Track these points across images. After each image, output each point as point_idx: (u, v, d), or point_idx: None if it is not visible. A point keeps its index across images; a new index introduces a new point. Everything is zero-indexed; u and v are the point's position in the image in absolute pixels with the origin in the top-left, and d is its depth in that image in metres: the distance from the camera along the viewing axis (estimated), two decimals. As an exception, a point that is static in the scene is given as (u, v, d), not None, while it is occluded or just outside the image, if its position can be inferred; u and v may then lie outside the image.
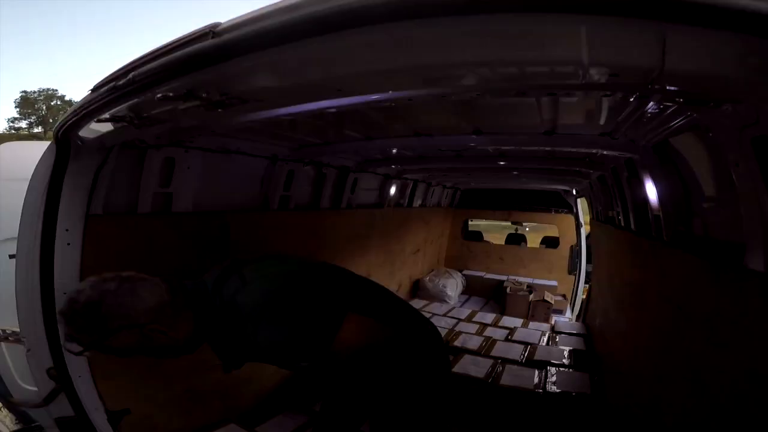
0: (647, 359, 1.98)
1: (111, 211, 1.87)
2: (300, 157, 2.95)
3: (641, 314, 2.18)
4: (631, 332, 2.36)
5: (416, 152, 3.25)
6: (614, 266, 3.03)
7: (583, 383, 2.87)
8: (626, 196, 2.55)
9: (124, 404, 2.20)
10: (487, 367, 3.10)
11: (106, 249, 1.83)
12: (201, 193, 2.34)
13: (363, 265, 4.00)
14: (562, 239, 5.87)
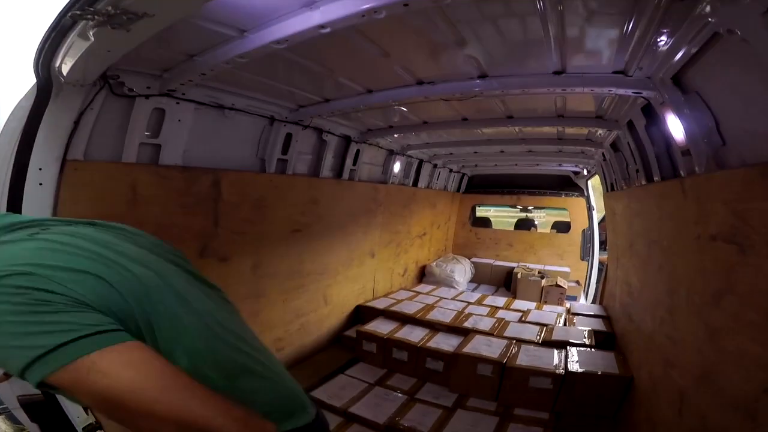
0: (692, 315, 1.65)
1: (93, 158, 1.74)
2: (299, 120, 2.74)
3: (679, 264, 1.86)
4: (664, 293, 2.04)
5: (420, 116, 3.00)
6: (637, 229, 2.73)
7: (608, 362, 2.56)
8: (646, 147, 2.28)
9: None
10: (501, 348, 2.80)
11: (85, 196, 1.68)
12: (192, 148, 2.16)
13: (366, 243, 3.74)
14: (574, 224, 5.53)
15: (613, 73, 1.87)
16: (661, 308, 2.05)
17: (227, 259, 2.44)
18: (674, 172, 1.99)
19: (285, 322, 2.92)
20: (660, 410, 1.80)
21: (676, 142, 1.83)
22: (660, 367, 1.93)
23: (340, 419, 2.46)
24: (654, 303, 2.19)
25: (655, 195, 2.28)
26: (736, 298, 1.30)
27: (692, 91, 1.60)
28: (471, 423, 2.40)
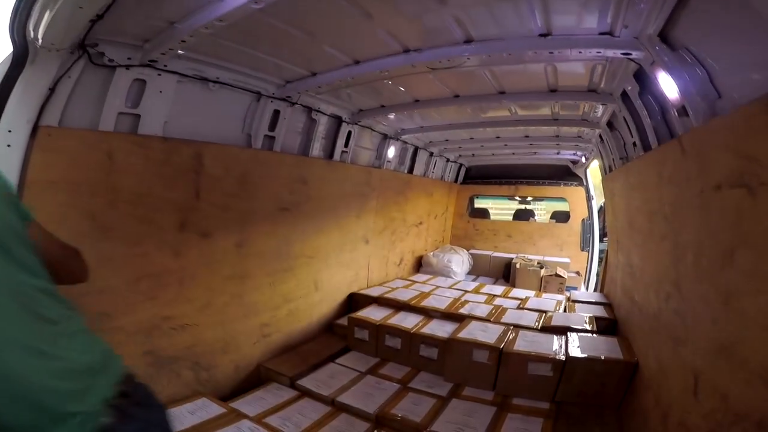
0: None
1: (68, 125, 1.70)
2: (286, 96, 2.62)
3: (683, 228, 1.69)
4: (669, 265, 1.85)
5: (411, 93, 2.86)
6: (637, 204, 2.55)
7: (611, 348, 2.38)
8: (641, 117, 2.17)
9: None
10: (497, 333, 2.62)
11: (58, 161, 1.64)
12: (174, 120, 2.07)
13: (360, 228, 3.57)
14: (573, 213, 5.34)
15: (600, 34, 1.81)
16: (666, 283, 1.87)
17: (209, 235, 2.30)
18: (671, 135, 1.88)
19: (272, 306, 2.75)
20: (671, 394, 1.61)
21: (670, 102, 1.74)
22: (669, 348, 1.75)
23: (328, 408, 2.29)
24: (658, 279, 2.00)
25: (654, 162, 2.11)
26: (750, 251, 1.14)
27: (681, 47, 1.55)
28: (466, 412, 2.22)
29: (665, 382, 1.73)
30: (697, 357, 1.46)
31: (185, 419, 2.08)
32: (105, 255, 1.86)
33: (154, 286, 2.09)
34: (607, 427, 2.05)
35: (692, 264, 1.55)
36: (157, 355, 2.15)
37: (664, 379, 1.76)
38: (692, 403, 1.41)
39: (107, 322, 1.94)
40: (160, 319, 2.15)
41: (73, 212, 1.72)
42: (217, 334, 2.41)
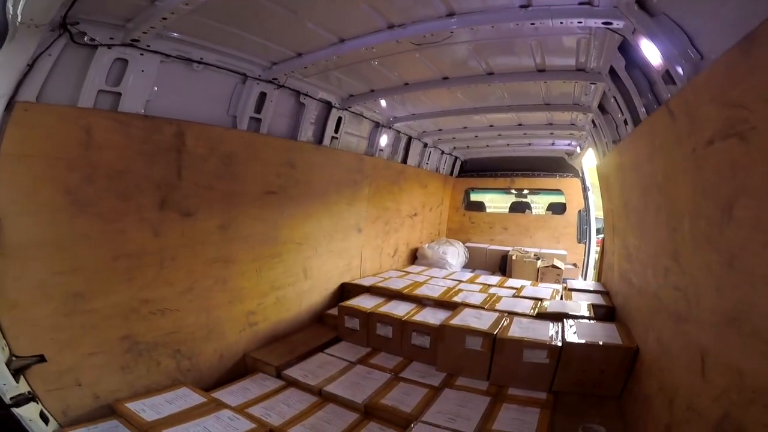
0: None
1: (46, 102, 1.64)
2: (272, 78, 2.51)
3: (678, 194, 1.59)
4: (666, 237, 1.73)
5: (400, 75, 2.75)
6: (631, 181, 2.43)
7: (609, 334, 2.23)
8: (630, 91, 2.12)
9: (36, 348, 1.68)
10: (491, 320, 2.48)
11: (34, 136, 1.59)
12: (157, 100, 2.01)
13: (352, 216, 3.43)
14: (569, 205, 5.20)
15: (579, 4, 1.78)
16: (663, 257, 1.74)
17: (191, 215, 2.17)
18: (659, 105, 1.82)
19: (259, 294, 2.61)
20: (676, 378, 1.47)
21: (655, 69, 1.72)
22: (670, 328, 1.61)
23: (314, 399, 2.15)
24: (655, 255, 1.87)
25: (644, 134, 2.01)
26: (750, 201, 1.04)
27: (659, 12, 1.54)
28: (460, 402, 2.07)
29: (669, 365, 1.59)
30: (702, 333, 1.32)
31: (162, 408, 1.94)
32: (80, 231, 1.76)
33: (132, 267, 1.97)
34: (608, 417, 1.90)
35: (689, 231, 1.44)
36: (135, 341, 2.02)
37: (667, 362, 1.62)
38: (700, 385, 1.27)
39: (81, 303, 1.81)
40: (139, 303, 2.01)
41: (47, 186, 1.64)
42: (200, 321, 2.27)
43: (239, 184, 2.43)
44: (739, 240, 1.09)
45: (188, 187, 2.16)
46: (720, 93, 1.18)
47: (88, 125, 1.73)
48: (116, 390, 1.96)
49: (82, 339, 1.83)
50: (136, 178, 1.93)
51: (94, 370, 1.88)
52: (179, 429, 1.82)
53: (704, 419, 1.20)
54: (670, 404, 1.47)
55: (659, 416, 1.52)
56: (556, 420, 1.91)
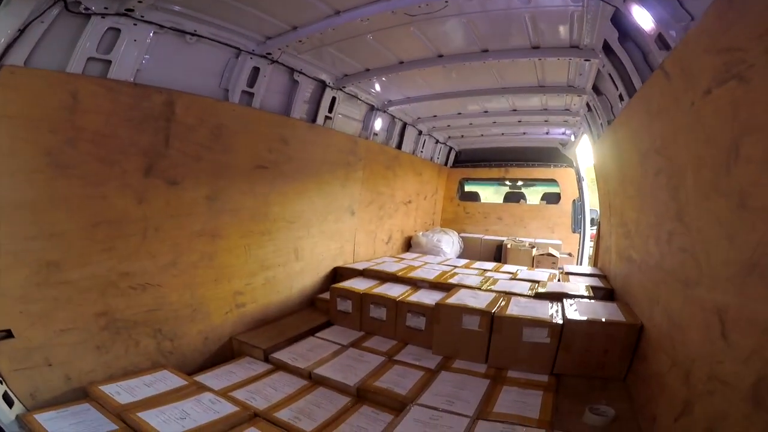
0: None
1: (34, 66, 1.56)
2: (267, 53, 2.39)
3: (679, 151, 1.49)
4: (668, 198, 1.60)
5: (395, 53, 2.63)
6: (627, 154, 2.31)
7: (611, 312, 2.08)
8: (625, 64, 2.05)
9: (2, 322, 1.52)
10: (488, 299, 2.32)
11: (18, 97, 1.50)
12: (147, 70, 1.92)
13: (345, 198, 3.27)
14: (564, 195, 5.08)
15: None
16: (666, 221, 1.60)
17: (177, 183, 2.02)
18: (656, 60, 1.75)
19: (247, 273, 2.43)
20: (691, 348, 1.32)
21: (648, 34, 1.67)
22: (679, 295, 1.46)
23: (303, 382, 1.98)
24: (657, 222, 1.73)
25: (640, 102, 1.92)
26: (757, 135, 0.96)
27: None
28: (457, 385, 1.91)
29: (681, 337, 1.43)
30: (717, 292, 1.17)
31: (139, 391, 1.76)
32: (59, 194, 1.62)
33: (112, 235, 1.80)
34: (614, 399, 1.73)
35: (693, 185, 1.33)
36: (113, 317, 1.83)
37: (679, 333, 1.46)
38: (723, 349, 1.11)
39: (55, 273, 1.64)
40: (118, 275, 1.83)
41: (27, 147, 1.52)
42: (183, 299, 2.09)
43: (229, 156, 2.28)
44: (749, 177, 0.99)
45: (176, 156, 2.01)
46: (713, 42, 1.16)
47: (75, 90, 1.63)
48: (90, 371, 1.78)
49: (54, 313, 1.65)
50: (122, 144, 1.79)
51: (66, 348, 1.69)
52: (155, 412, 1.63)
53: (732, 387, 1.04)
54: (686, 378, 1.31)
55: (675, 393, 1.36)
56: (560, 402, 1.75)
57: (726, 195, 1.10)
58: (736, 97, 1.05)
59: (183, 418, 1.62)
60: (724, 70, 1.09)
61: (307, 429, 1.63)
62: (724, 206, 1.12)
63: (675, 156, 1.52)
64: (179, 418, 1.61)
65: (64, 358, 1.69)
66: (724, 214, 1.12)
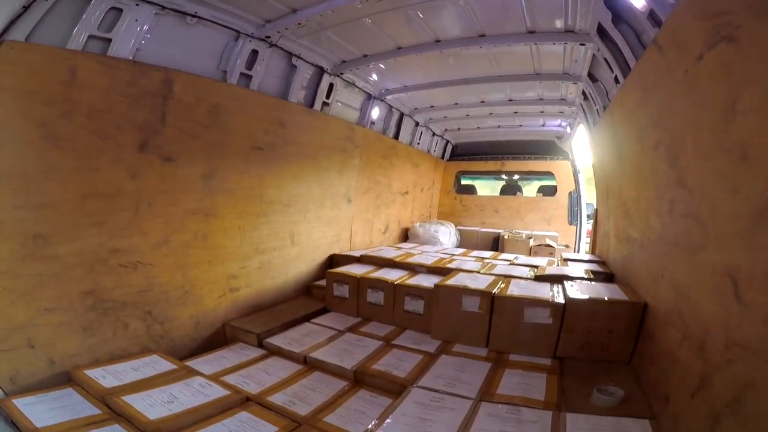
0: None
1: (35, 42, 1.51)
2: (266, 36, 2.32)
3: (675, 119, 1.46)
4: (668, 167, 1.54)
5: (392, 37, 2.55)
6: (623, 135, 2.25)
7: (613, 292, 1.98)
8: (619, 45, 2.02)
9: None
10: (488, 282, 2.22)
11: (16, 71, 1.45)
12: (147, 49, 1.85)
13: (342, 185, 3.16)
14: (560, 187, 5.00)
15: None
16: (667, 190, 1.53)
17: (173, 160, 1.93)
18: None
19: (242, 255, 2.32)
20: (703, 317, 1.22)
21: (640, 12, 1.65)
22: (686, 263, 1.37)
23: (298, 367, 1.87)
24: (657, 194, 1.66)
25: (636, 78, 1.88)
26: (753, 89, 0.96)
27: None
28: (458, 368, 1.80)
29: (690, 308, 1.34)
30: (726, 252, 1.09)
31: (125, 375, 1.64)
32: (50, 165, 1.53)
33: (103, 209, 1.70)
34: (621, 382, 1.61)
35: (693, 148, 1.29)
36: (101, 297, 1.72)
37: (687, 305, 1.37)
38: (739, 313, 1.02)
39: (42, 247, 1.53)
40: (108, 252, 1.72)
41: (20, 118, 1.47)
42: (175, 280, 1.98)
43: (225, 136, 2.19)
44: (748, 129, 0.98)
45: (172, 133, 1.92)
46: (701, 9, 1.17)
47: (74, 66, 1.58)
48: (75, 355, 1.66)
49: (39, 290, 1.54)
50: (118, 119, 1.72)
51: (50, 329, 1.58)
52: (141, 396, 1.52)
53: (755, 351, 0.95)
54: (700, 350, 1.22)
55: (689, 368, 1.26)
56: (565, 384, 1.65)
57: (727, 151, 1.08)
58: (728, 58, 1.07)
59: (170, 401, 1.50)
60: (713, 34, 1.11)
61: (302, 413, 1.52)
62: (725, 162, 1.08)
63: (673, 125, 1.47)
64: (166, 401, 1.50)
65: (47, 339, 1.57)
66: (727, 168, 1.08)
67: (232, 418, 1.47)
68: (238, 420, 1.46)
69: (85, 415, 1.42)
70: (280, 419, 1.47)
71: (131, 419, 1.38)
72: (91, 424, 1.37)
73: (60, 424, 1.36)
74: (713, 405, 1.07)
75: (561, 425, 1.36)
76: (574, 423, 1.37)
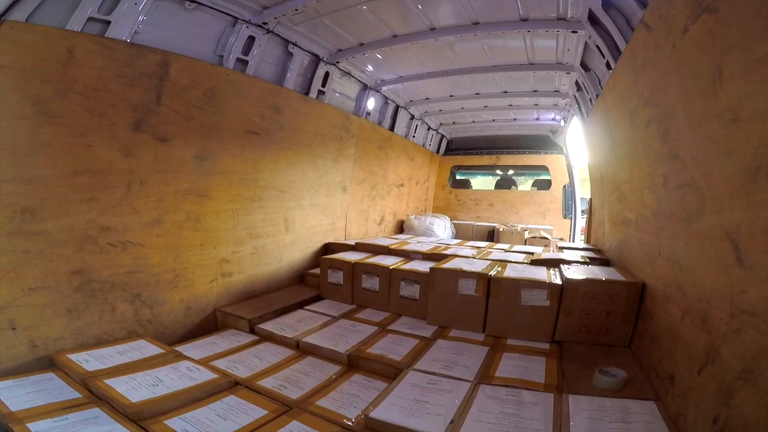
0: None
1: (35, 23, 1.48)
2: (263, 23, 2.27)
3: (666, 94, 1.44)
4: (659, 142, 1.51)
5: (389, 25, 2.51)
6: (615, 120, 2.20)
7: (611, 273, 1.91)
8: (610, 31, 2.01)
9: None
10: (484, 265, 2.14)
11: (13, 50, 1.41)
12: (145, 32, 1.81)
13: (337, 173, 3.08)
14: (554, 180, 4.94)
15: None
16: (660, 165, 1.48)
17: (167, 140, 1.87)
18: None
19: (234, 239, 2.23)
20: (704, 287, 1.15)
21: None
22: (683, 234, 1.31)
23: (291, 351, 1.78)
24: (651, 169, 1.61)
25: (626, 61, 1.84)
26: (736, 55, 0.96)
27: None
28: (455, 351, 1.72)
29: (690, 280, 1.27)
30: (724, 215, 1.04)
31: (110, 359, 1.55)
32: (43, 141, 1.47)
33: (95, 185, 1.62)
34: (622, 365, 1.53)
35: (684, 119, 1.26)
36: (89, 277, 1.63)
37: (687, 277, 1.29)
38: (742, 277, 0.95)
39: (30, 222, 1.45)
40: (97, 230, 1.64)
41: (14, 94, 1.41)
42: (166, 262, 1.89)
43: (220, 119, 2.12)
44: (736, 92, 0.98)
45: (167, 114, 1.86)
46: None
47: (72, 46, 1.54)
48: (59, 338, 1.56)
49: (24, 268, 1.45)
50: (113, 98, 1.67)
51: (34, 310, 1.48)
52: (125, 379, 1.42)
53: (762, 316, 0.88)
54: (704, 323, 1.14)
55: (693, 343, 1.19)
56: (565, 367, 1.57)
57: (717, 117, 1.06)
58: (710, 28, 1.08)
59: (155, 384, 1.41)
60: (695, 7, 1.13)
61: (293, 396, 1.44)
62: (716, 127, 1.07)
63: (663, 101, 1.44)
64: (151, 384, 1.41)
65: (30, 321, 1.48)
66: (718, 133, 1.06)
67: (220, 401, 1.38)
68: (225, 404, 1.37)
69: (64, 398, 1.33)
70: (270, 402, 1.39)
71: (112, 402, 1.29)
72: (70, 407, 1.27)
73: (36, 407, 1.26)
74: (723, 379, 1.00)
75: (564, 406, 1.28)
76: (577, 404, 1.29)
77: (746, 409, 0.89)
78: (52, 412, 1.25)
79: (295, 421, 1.29)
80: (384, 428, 1.20)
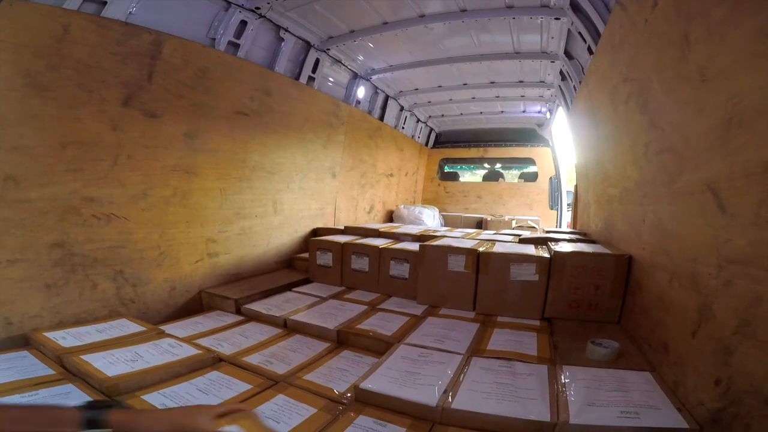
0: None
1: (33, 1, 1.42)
2: (255, 7, 2.22)
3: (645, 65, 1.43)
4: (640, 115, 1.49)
5: (379, 12, 2.46)
6: (598, 101, 2.17)
7: (598, 248, 1.87)
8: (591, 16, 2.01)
9: None
10: (473, 243, 2.09)
11: (8, 26, 1.35)
12: (139, 13, 1.75)
13: (327, 159, 3.01)
14: (541, 173, 4.95)
15: None
16: (642, 135, 1.47)
17: (156, 117, 1.79)
18: None
19: (222, 219, 2.14)
20: (690, 244, 1.11)
21: None
22: (666, 196, 1.28)
23: (278, 330, 1.70)
24: (632, 142, 1.60)
25: (605, 42, 1.86)
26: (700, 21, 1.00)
27: None
28: (446, 327, 1.66)
29: (676, 242, 1.22)
30: (703, 168, 1.02)
31: (89, 336, 1.45)
32: (32, 113, 1.40)
33: (81, 156, 1.54)
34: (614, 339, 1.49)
35: (659, 86, 1.29)
36: (70, 251, 1.52)
37: (672, 239, 1.25)
38: (726, 224, 0.92)
39: (12, 190, 1.35)
40: (81, 200, 1.54)
41: (6, 67, 1.36)
42: (151, 238, 1.79)
43: (210, 98, 2.05)
44: (702, 54, 1.01)
45: (157, 91, 1.79)
46: None
47: (67, 23, 1.50)
48: (36, 316, 1.45)
49: (2, 239, 1.35)
50: (104, 74, 1.61)
51: (10, 284, 1.38)
52: (103, 354, 1.33)
53: (754, 262, 0.83)
54: (693, 283, 1.10)
55: (684, 305, 1.14)
56: (557, 341, 1.53)
57: (687, 79, 1.08)
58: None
59: (134, 360, 1.31)
60: None
61: (280, 371, 1.35)
62: (688, 89, 1.08)
63: (640, 75, 1.47)
64: (130, 360, 1.31)
65: (6, 296, 1.37)
66: (690, 95, 1.08)
67: (202, 377, 1.29)
68: (208, 379, 1.28)
69: (36, 375, 1.22)
70: (256, 377, 1.30)
71: (87, 378, 1.19)
72: (42, 383, 1.17)
73: (5, 384, 1.16)
74: (720, 337, 0.95)
75: (558, 376, 1.23)
76: (573, 374, 1.24)
77: (749, 366, 0.84)
78: (22, 388, 1.14)
79: (282, 395, 1.21)
80: (375, 399, 1.13)
